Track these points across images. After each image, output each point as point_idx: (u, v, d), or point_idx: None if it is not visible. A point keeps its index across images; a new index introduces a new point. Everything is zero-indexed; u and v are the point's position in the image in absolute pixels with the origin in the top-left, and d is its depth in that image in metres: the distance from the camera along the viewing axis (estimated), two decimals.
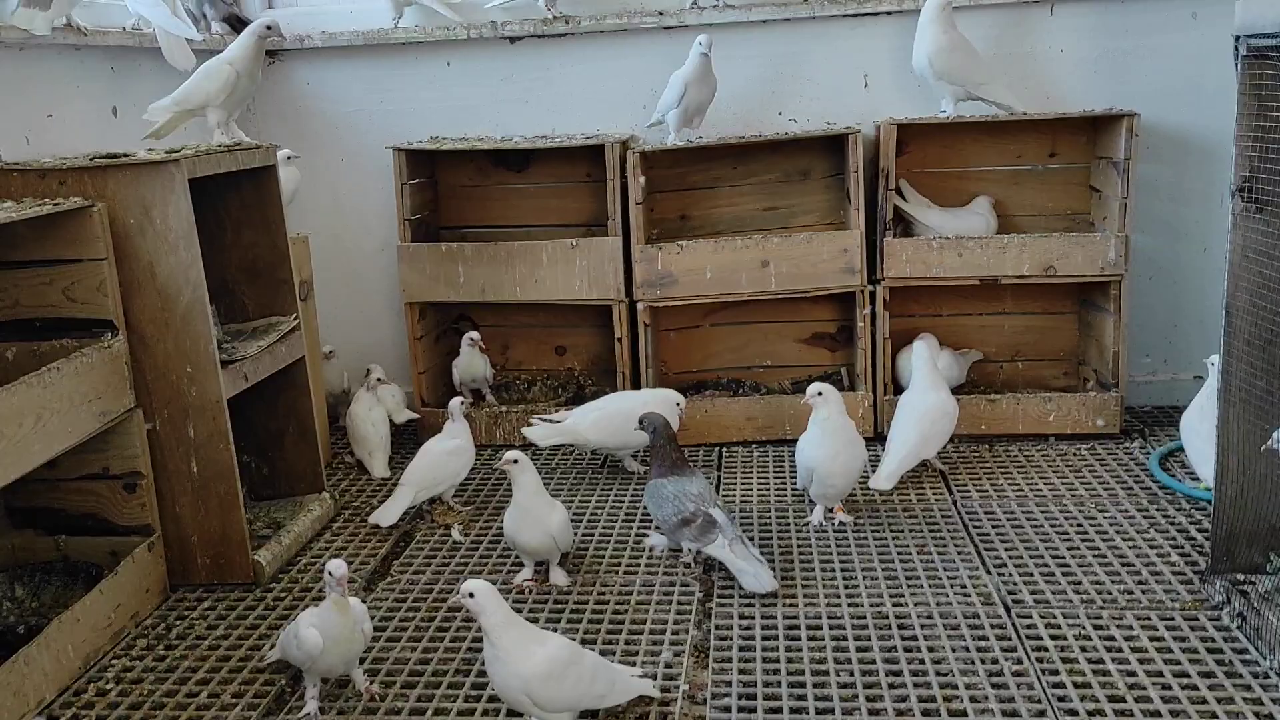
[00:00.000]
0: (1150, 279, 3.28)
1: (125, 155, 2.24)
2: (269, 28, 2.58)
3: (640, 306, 3.12)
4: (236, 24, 3.40)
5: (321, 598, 2.23)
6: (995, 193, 3.26)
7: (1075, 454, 2.99)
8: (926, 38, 2.95)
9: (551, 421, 2.93)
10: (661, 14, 3.22)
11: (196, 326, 2.25)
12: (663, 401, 2.82)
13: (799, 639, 2.08)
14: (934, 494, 2.76)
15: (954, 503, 2.70)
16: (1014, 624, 2.10)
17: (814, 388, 2.52)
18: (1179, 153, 3.21)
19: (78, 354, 2.08)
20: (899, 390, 3.12)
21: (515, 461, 2.28)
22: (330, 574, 1.83)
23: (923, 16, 2.96)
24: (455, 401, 2.76)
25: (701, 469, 3.00)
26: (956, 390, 3.13)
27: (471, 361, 3.27)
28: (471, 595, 1.71)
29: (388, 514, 2.61)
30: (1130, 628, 2.06)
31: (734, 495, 2.82)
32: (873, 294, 3.09)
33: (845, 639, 2.07)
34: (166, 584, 2.34)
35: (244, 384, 2.40)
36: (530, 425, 2.94)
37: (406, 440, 3.27)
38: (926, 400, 2.81)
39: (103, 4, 2.85)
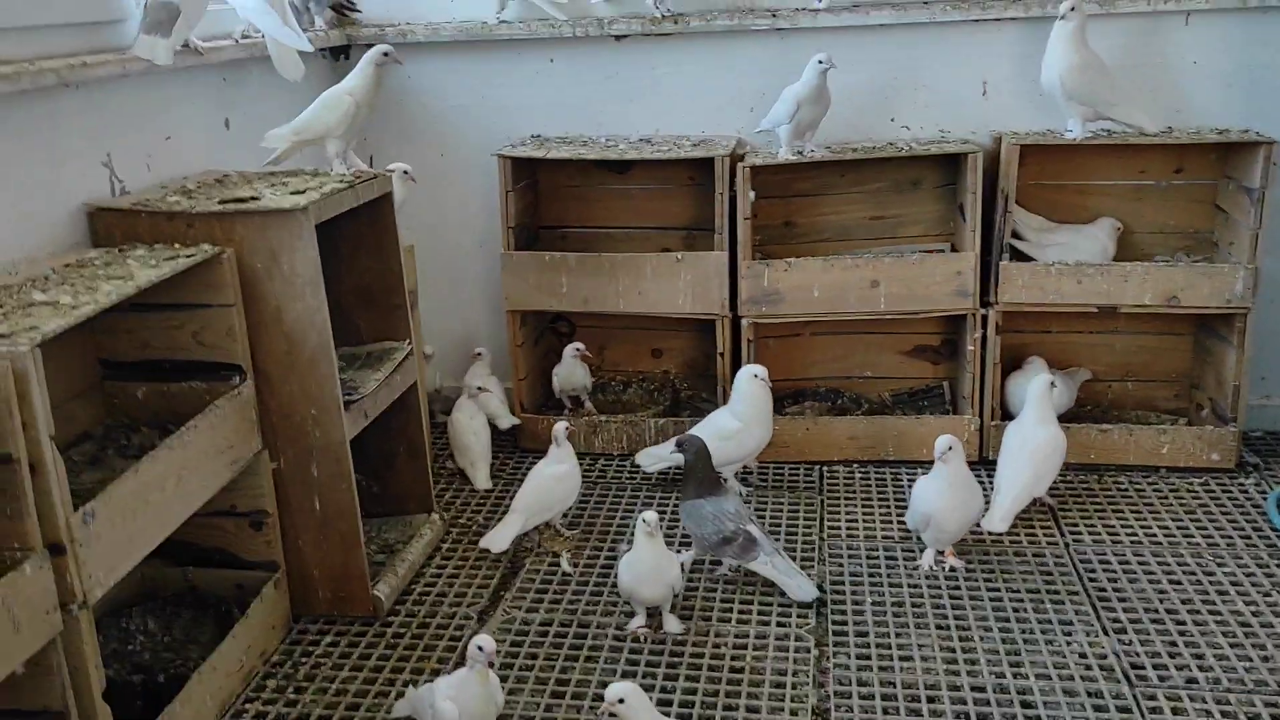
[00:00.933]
0: (1272, 302, 3.16)
1: (253, 198, 2.23)
2: (386, 54, 2.53)
3: (745, 323, 3.08)
4: (343, 10, 3.35)
5: (439, 633, 2.28)
6: (1116, 209, 3.14)
7: (1188, 489, 2.93)
8: (1058, 55, 2.82)
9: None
10: (774, 15, 3.11)
11: (321, 370, 2.26)
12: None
13: (920, 710, 2.09)
14: (1044, 534, 2.72)
15: (1066, 545, 2.67)
16: (1137, 702, 2.09)
17: (944, 441, 2.47)
18: None
19: (212, 408, 2.09)
20: (1006, 415, 3.07)
21: (648, 527, 2.27)
22: (480, 649, 1.85)
23: (1055, 33, 2.83)
24: (560, 427, 2.76)
25: (803, 490, 3.00)
26: (1066, 415, 3.07)
27: (573, 371, 3.26)
28: (621, 701, 1.72)
29: (499, 540, 2.63)
30: (1259, 716, 2.03)
31: (839, 525, 2.81)
32: (984, 318, 3.02)
33: (968, 714, 2.07)
34: (290, 616, 2.39)
35: (364, 421, 2.41)
36: (640, 454, 2.98)
37: (506, 444, 3.30)
38: (1038, 435, 2.76)
39: (211, 11, 2.80)
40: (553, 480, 2.71)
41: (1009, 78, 3.12)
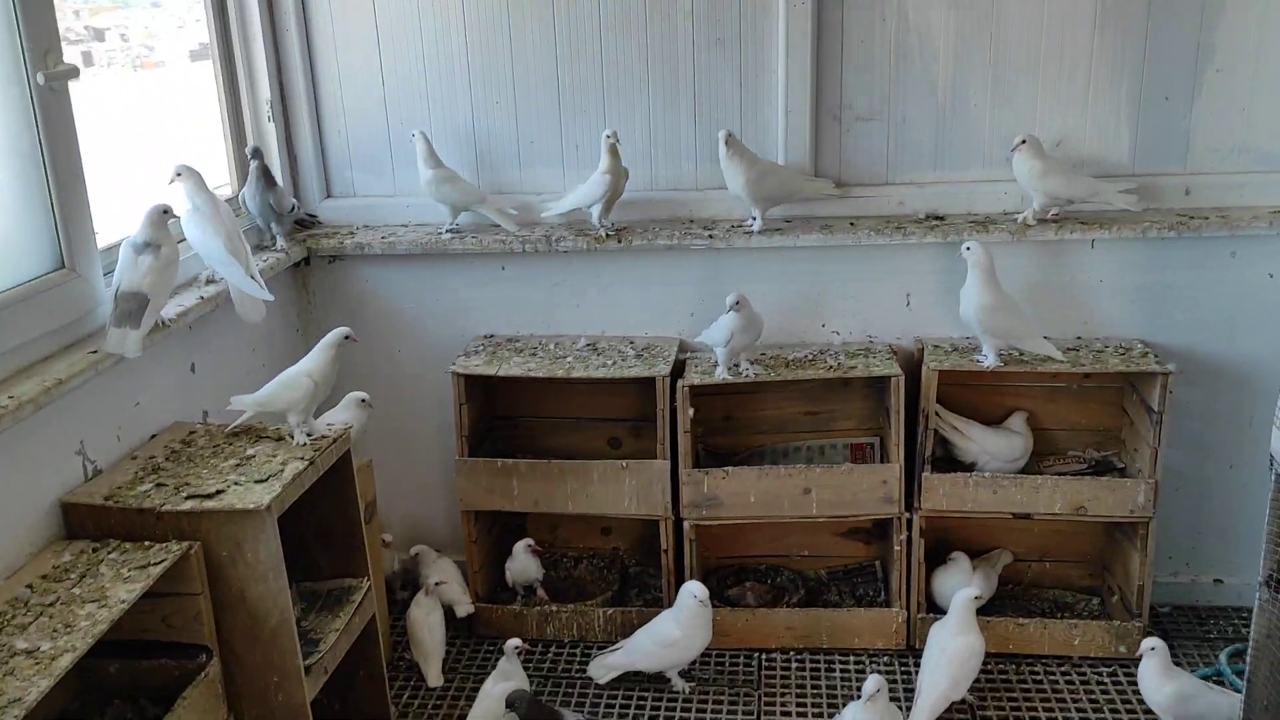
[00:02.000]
0: (1178, 490, 3.40)
1: (219, 492, 2.40)
2: (347, 338, 2.71)
3: (686, 525, 3.28)
4: (304, 225, 3.52)
5: None
6: (1031, 406, 3.38)
7: (1097, 680, 3.16)
8: (971, 294, 3.05)
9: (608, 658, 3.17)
10: (711, 236, 3.31)
11: (283, 644, 2.44)
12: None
13: None
14: None
15: None
16: None
17: (872, 684, 2.68)
18: (1211, 378, 3.30)
19: (181, 700, 2.26)
20: (932, 606, 3.29)
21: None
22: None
23: (969, 277, 3.05)
24: (511, 644, 2.95)
25: (742, 684, 3.20)
26: (988, 603, 3.30)
27: (525, 565, 3.45)
28: None
29: None
30: None
31: (775, 713, 3.02)
32: (909, 521, 3.24)
33: None
34: None
35: (325, 676, 2.59)
36: (592, 665, 3.20)
37: (463, 630, 3.48)
38: (957, 644, 2.98)
39: None
40: (500, 700, 2.89)
41: (930, 290, 3.34)
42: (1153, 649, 2.81)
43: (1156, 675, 2.80)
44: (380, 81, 3.50)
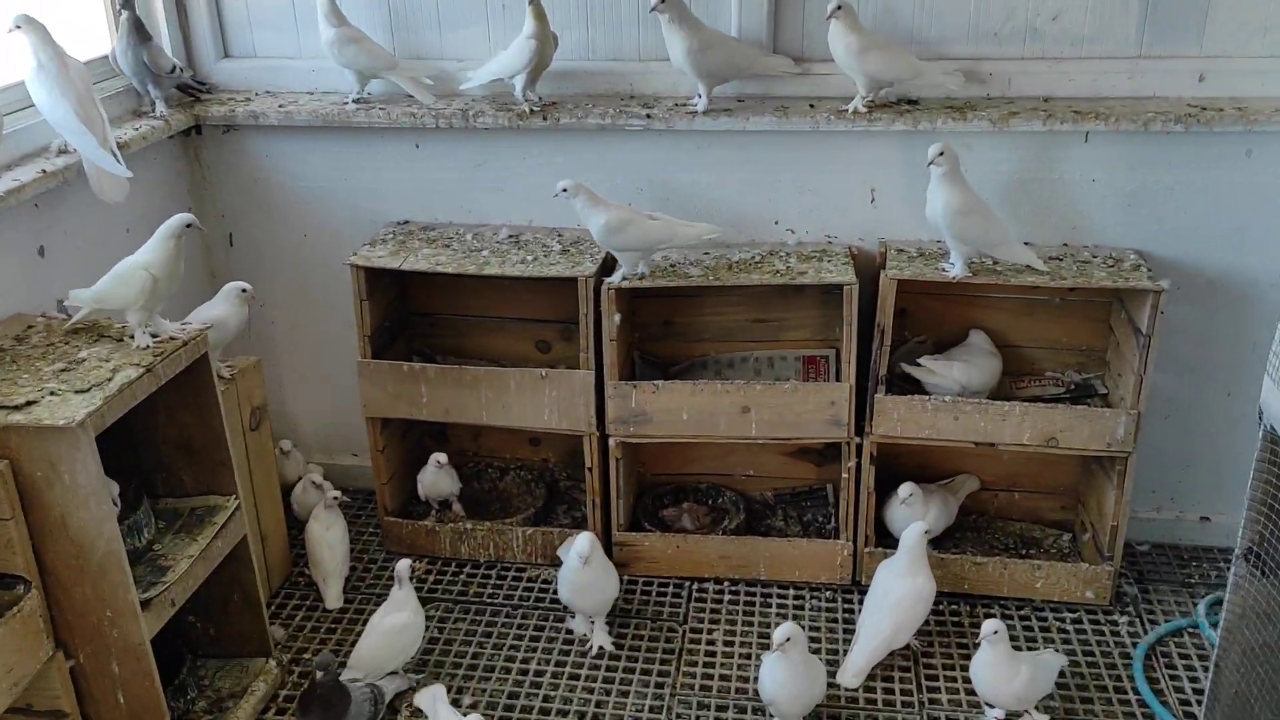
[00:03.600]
0: (1166, 418, 3.04)
1: (30, 403, 2.05)
2: (188, 226, 2.32)
3: (612, 443, 2.94)
4: (190, 91, 3.10)
5: None
6: (1005, 322, 2.99)
7: (1059, 628, 2.85)
8: (937, 196, 2.63)
9: None
10: (649, 116, 2.88)
11: (112, 576, 2.13)
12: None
13: None
14: (901, 691, 2.65)
15: (921, 705, 2.60)
16: None
17: (781, 632, 2.37)
18: (1212, 294, 2.91)
19: None
20: (881, 537, 2.97)
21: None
22: None
23: (933, 176, 2.63)
24: (403, 565, 2.66)
25: (666, 620, 2.91)
26: (947, 533, 2.99)
27: (438, 479, 3.13)
28: None
29: None
30: None
31: (696, 668, 2.73)
32: (859, 446, 2.89)
33: None
34: None
35: (171, 610, 2.29)
36: None
37: (373, 544, 3.19)
38: (903, 587, 2.67)
39: (21, 126, 2.57)
40: (391, 634, 2.61)
41: (898, 186, 2.93)
42: (995, 633, 2.42)
43: (1004, 665, 2.44)
44: None
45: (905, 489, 2.88)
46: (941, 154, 2.59)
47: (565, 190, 2.73)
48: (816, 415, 2.86)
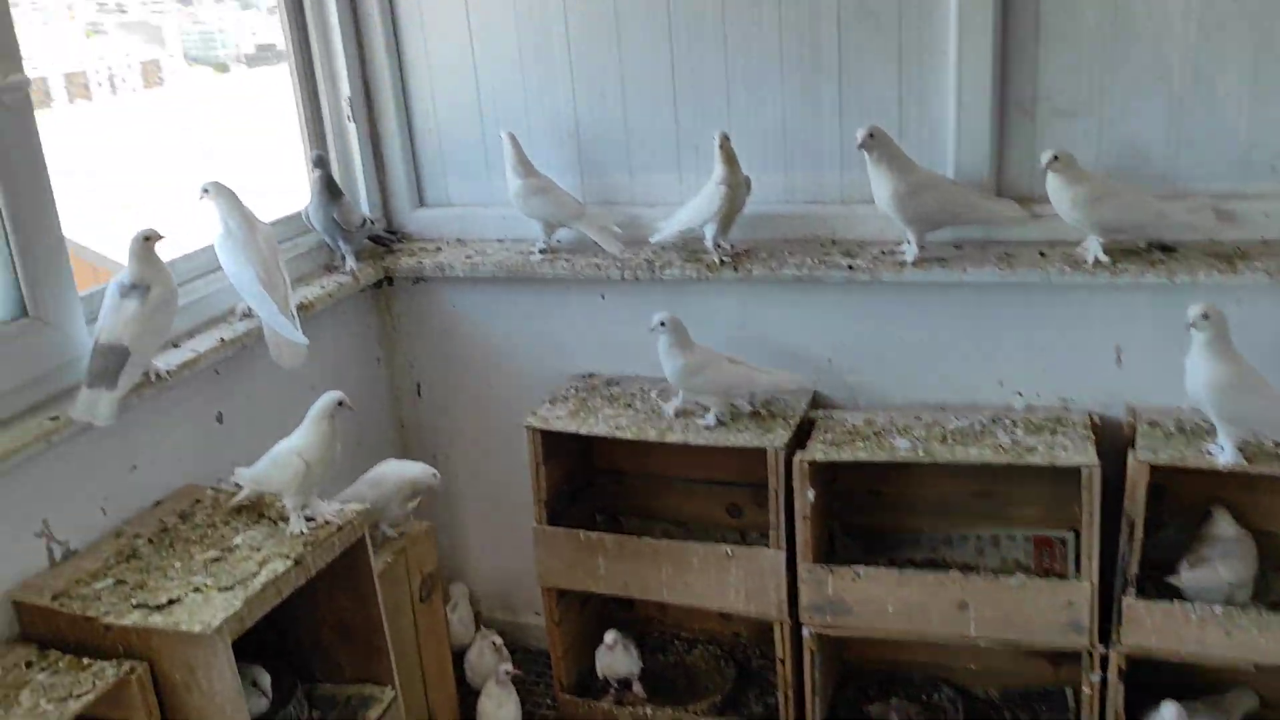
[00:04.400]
0: None
1: (172, 603, 1.96)
2: (340, 404, 2.21)
3: (806, 633, 2.60)
4: (383, 242, 3.07)
5: None
6: (1263, 505, 2.46)
7: None
8: (1199, 366, 2.18)
9: None
10: (851, 267, 2.58)
11: None
12: None
13: None
14: None
15: None
16: None
17: None
18: None
19: None
20: None
21: None
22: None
23: (1195, 341, 2.18)
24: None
25: None
26: None
27: (614, 658, 2.88)
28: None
29: None
30: None
31: None
32: (1105, 658, 2.41)
33: None
34: None
35: None
36: None
37: None
38: None
39: (203, 294, 2.57)
40: None
41: (1149, 344, 2.49)
42: None
43: None
44: (473, 71, 2.98)
45: (1169, 712, 2.37)
46: (1205, 316, 2.15)
47: (662, 325, 2.53)
48: (1050, 617, 2.42)
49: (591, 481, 3.06)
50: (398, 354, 3.17)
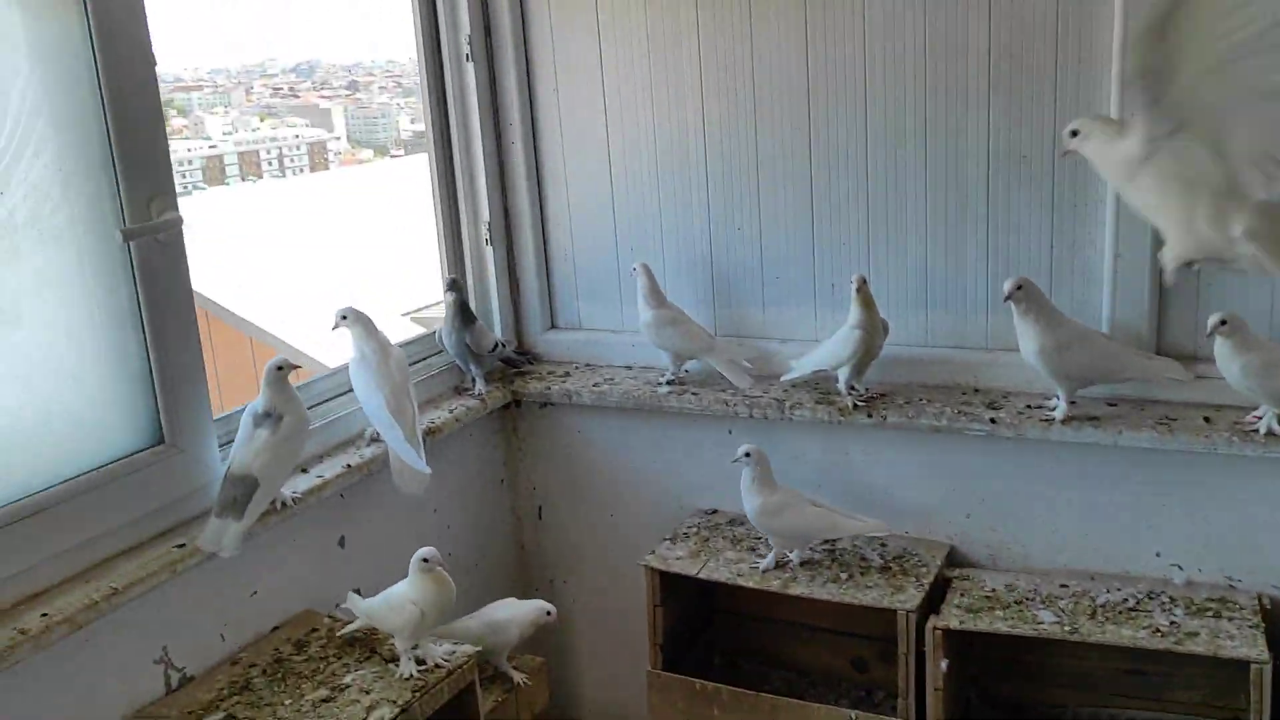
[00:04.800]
0: None
1: None
2: (426, 560, 2.16)
3: None
4: (513, 364, 3.07)
5: None
6: None
7: None
8: None
9: None
10: (994, 421, 2.44)
11: None
12: None
13: None
14: None
15: None
16: None
17: None
18: None
19: None
20: None
21: None
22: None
23: None
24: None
25: None
26: None
27: None
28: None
29: None
30: None
31: None
32: None
33: None
34: None
35: None
36: None
37: None
38: None
39: (341, 415, 2.60)
40: None
41: None
42: None
43: None
44: (610, 198, 2.99)
45: None
46: None
47: (747, 456, 2.50)
48: None
49: (711, 620, 2.95)
50: (521, 477, 3.15)
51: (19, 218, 1.89)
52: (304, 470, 2.44)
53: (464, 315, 2.87)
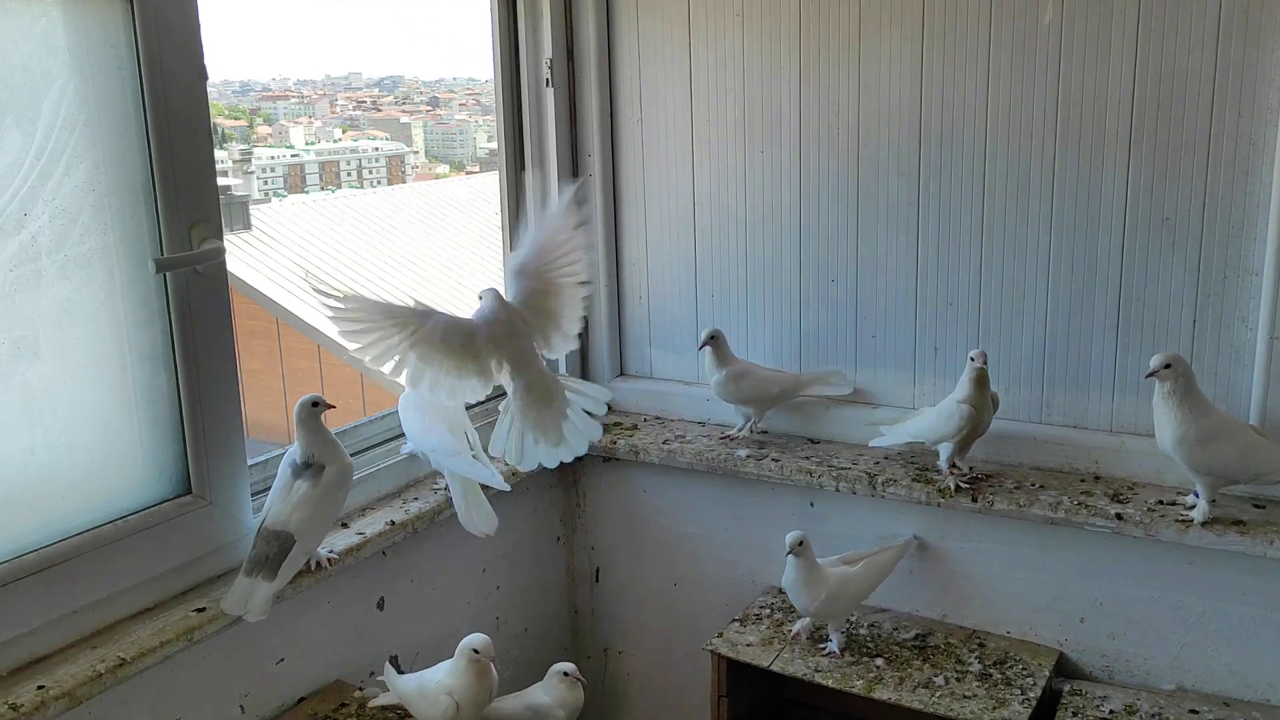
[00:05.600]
0: None
1: None
2: (476, 651, 1.92)
3: None
4: None
5: None
6: None
7: None
8: None
9: None
10: (1121, 517, 2.14)
11: None
12: None
13: None
14: None
15: None
16: None
17: None
18: None
19: None
20: None
21: None
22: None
23: None
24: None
25: None
26: None
27: None
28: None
29: None
30: None
31: None
32: None
33: None
34: None
35: None
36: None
37: None
38: None
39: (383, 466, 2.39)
40: None
41: None
42: None
43: None
44: (691, 241, 2.75)
45: None
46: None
47: (800, 545, 2.26)
48: None
49: (779, 711, 2.67)
50: (579, 535, 2.91)
51: (43, 242, 1.70)
52: (344, 525, 2.22)
53: None
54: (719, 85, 2.62)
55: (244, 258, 8.43)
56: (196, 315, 1.87)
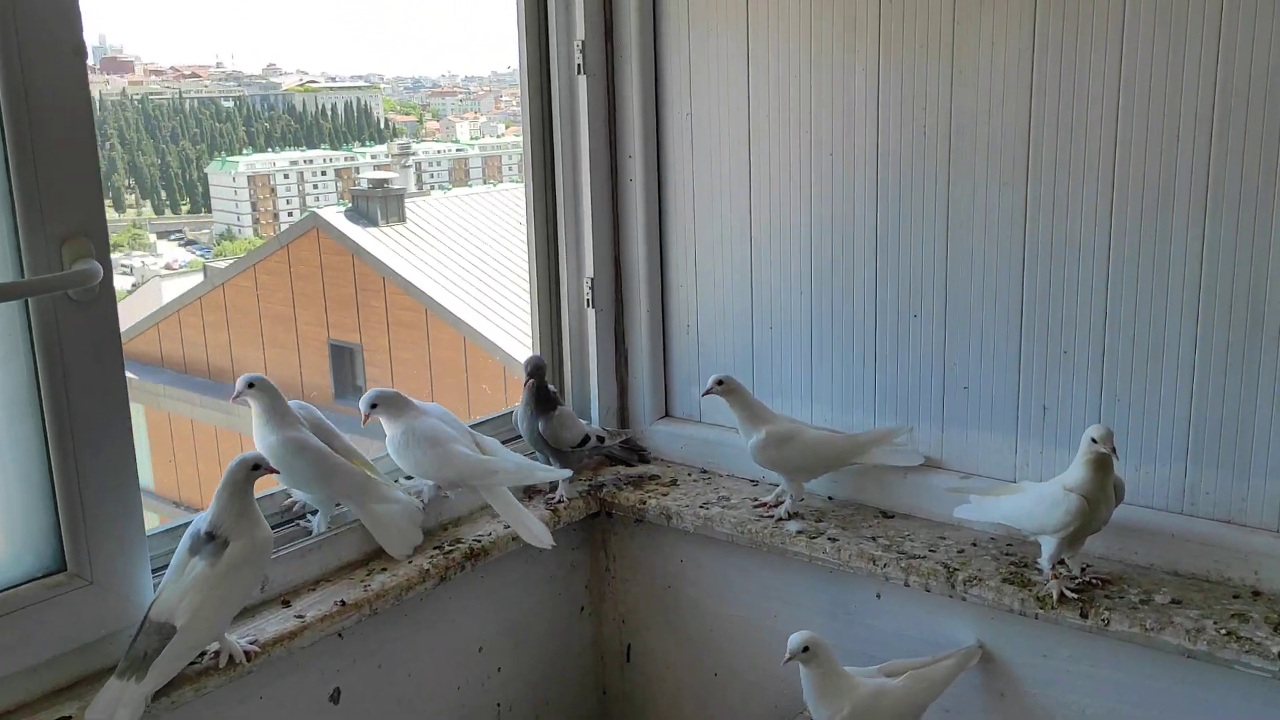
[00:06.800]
0: None
1: None
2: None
3: None
4: (619, 460, 2.40)
5: None
6: None
7: None
8: None
9: None
10: None
11: None
12: None
13: None
14: None
15: None
16: None
17: None
18: None
19: None
20: None
21: None
22: None
23: None
24: None
25: None
26: None
27: None
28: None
29: None
30: None
31: None
32: None
33: None
34: None
35: None
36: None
37: None
38: None
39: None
40: None
41: None
42: None
43: None
44: (748, 261, 2.28)
45: None
46: None
47: (805, 651, 1.79)
48: None
49: None
50: (607, 603, 2.46)
51: None
52: (285, 604, 1.83)
53: (539, 400, 2.22)
54: (782, 74, 2.14)
55: (397, 249, 8.64)
56: (69, 351, 1.50)
